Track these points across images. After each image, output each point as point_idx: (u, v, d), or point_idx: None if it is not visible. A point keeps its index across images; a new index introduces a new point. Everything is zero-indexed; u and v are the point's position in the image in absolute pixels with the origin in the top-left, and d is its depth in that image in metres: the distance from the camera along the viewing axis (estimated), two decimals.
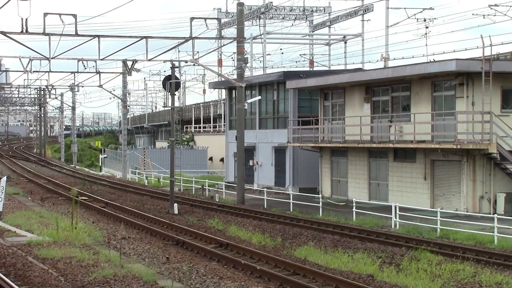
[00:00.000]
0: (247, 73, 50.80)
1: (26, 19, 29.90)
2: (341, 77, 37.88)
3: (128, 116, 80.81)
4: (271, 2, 61.33)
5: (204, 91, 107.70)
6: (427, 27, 54.57)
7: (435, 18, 58.73)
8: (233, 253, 20.84)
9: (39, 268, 17.12)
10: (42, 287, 15.20)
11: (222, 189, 41.86)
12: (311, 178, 42.04)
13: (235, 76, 44.05)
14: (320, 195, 34.75)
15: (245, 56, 38.10)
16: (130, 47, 39.26)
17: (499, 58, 35.06)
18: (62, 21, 30.70)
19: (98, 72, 47.04)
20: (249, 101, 42.71)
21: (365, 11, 61.72)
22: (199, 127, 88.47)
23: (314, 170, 41.70)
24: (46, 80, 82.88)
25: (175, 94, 34.43)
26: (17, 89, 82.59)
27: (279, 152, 44.36)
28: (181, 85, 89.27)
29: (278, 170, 44.47)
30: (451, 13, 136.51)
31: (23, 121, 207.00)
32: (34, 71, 44.40)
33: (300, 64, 71.55)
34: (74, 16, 31.02)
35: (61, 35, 32.17)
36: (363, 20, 63.19)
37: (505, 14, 47.30)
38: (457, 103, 31.01)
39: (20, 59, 39.20)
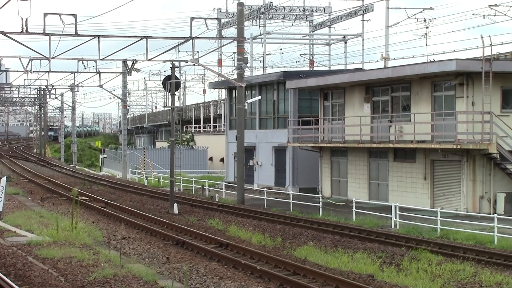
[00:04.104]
0: (247, 73, 50.80)
1: (26, 19, 29.94)
2: (341, 77, 37.88)
3: (128, 116, 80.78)
4: (271, 2, 61.35)
5: (204, 91, 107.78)
6: (427, 27, 54.58)
7: (435, 18, 58.77)
8: (233, 253, 20.83)
9: (39, 268, 17.11)
10: (42, 287, 15.20)
11: (222, 189, 41.86)
12: (311, 178, 42.03)
13: (235, 76, 44.05)
14: (320, 195, 34.75)
15: (245, 56, 38.10)
16: (130, 47, 39.30)
17: (499, 58, 35.04)
18: (62, 21, 30.74)
19: (98, 72, 47.05)
20: (249, 101, 42.70)
21: (365, 11, 61.72)
22: (199, 127, 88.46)
23: (314, 170, 41.69)
24: (46, 80, 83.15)
25: (175, 94, 34.44)
26: (17, 89, 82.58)
27: (279, 152, 44.35)
28: (181, 85, 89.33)
29: (278, 170, 44.47)
30: (451, 13, 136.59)
31: (23, 121, 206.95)
32: (34, 71, 44.41)
33: (300, 64, 71.60)
34: (74, 16, 31.05)
35: (61, 35, 32.18)
36: (363, 20, 63.21)
37: (505, 14, 47.31)
38: (457, 103, 31.01)
39: (20, 59, 39.21)
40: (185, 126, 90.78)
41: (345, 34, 66.58)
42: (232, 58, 79.87)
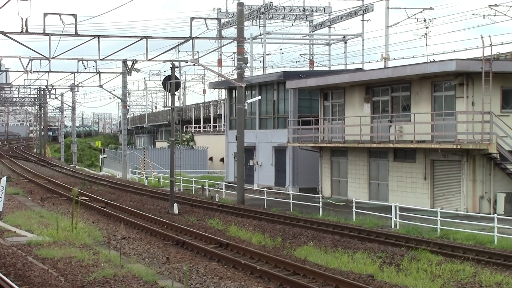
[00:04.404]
0: (247, 73, 50.79)
1: (26, 19, 29.92)
2: (341, 77, 37.88)
3: (128, 116, 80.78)
4: (271, 2, 61.35)
5: (204, 91, 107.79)
6: (427, 27, 54.59)
7: (435, 18, 58.83)
8: (233, 253, 20.83)
9: (39, 268, 17.11)
10: (42, 287, 15.20)
11: (222, 189, 41.85)
12: (311, 178, 42.03)
13: (235, 76, 44.06)
14: (320, 195, 34.75)
15: (245, 56, 38.09)
16: (130, 47, 39.25)
17: (499, 58, 35.03)
18: (62, 21, 30.73)
19: (98, 72, 47.03)
20: (249, 101, 42.70)
21: (365, 11, 61.72)
22: (199, 127, 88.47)
23: (314, 170, 41.69)
24: (46, 80, 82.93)
25: (175, 94, 34.44)
26: (17, 89, 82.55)
27: (279, 152, 44.36)
28: (181, 85, 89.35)
29: (278, 170, 44.47)
30: (451, 13, 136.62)
31: (23, 121, 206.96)
32: (34, 71, 44.37)
33: (300, 64, 71.60)
34: (74, 16, 31.04)
35: (61, 35, 32.17)
36: (363, 20, 63.20)
37: (505, 14, 47.31)
38: (457, 103, 31.01)
39: (20, 59, 39.18)
40: (185, 126, 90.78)
41: (345, 34, 66.57)
42: (232, 58, 79.92)
